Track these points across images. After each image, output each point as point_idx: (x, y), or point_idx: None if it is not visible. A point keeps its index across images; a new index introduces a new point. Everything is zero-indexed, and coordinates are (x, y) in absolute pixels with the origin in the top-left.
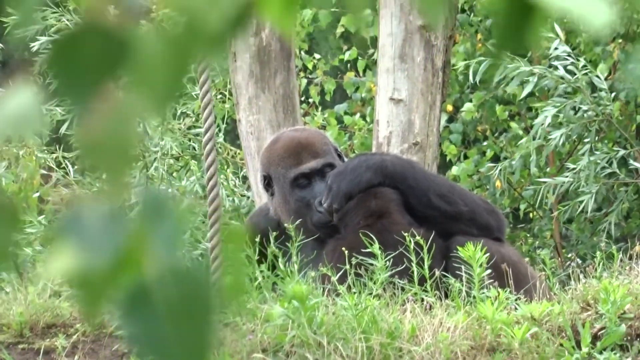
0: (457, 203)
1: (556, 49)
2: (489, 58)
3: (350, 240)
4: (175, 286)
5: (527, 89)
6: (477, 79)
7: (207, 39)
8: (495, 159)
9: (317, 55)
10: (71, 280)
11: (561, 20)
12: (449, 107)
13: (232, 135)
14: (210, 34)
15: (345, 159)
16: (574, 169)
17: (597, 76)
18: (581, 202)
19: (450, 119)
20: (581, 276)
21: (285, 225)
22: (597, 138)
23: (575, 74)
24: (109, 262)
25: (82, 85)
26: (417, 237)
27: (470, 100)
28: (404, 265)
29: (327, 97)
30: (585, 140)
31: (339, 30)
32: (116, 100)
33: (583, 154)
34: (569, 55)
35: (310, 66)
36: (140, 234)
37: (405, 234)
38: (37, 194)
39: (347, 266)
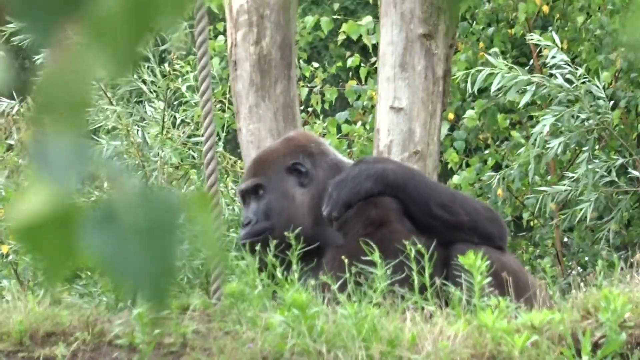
0: (458, 213)
1: (554, 57)
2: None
3: (350, 248)
4: (141, 207)
5: (526, 97)
6: (476, 88)
7: None
8: (497, 167)
9: (315, 64)
10: (39, 219)
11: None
12: (451, 116)
13: (233, 144)
14: None
15: (319, 170)
16: (572, 177)
17: (596, 85)
18: (580, 210)
19: (452, 128)
20: (581, 284)
21: (285, 233)
22: (597, 146)
23: (573, 83)
24: (78, 186)
25: (44, 17)
26: (418, 246)
27: (473, 108)
28: (404, 274)
29: (326, 106)
30: (584, 148)
31: (341, 37)
32: (75, 43)
33: (581, 162)
34: (567, 64)
35: (307, 74)
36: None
37: (406, 242)
38: None
39: (347, 274)
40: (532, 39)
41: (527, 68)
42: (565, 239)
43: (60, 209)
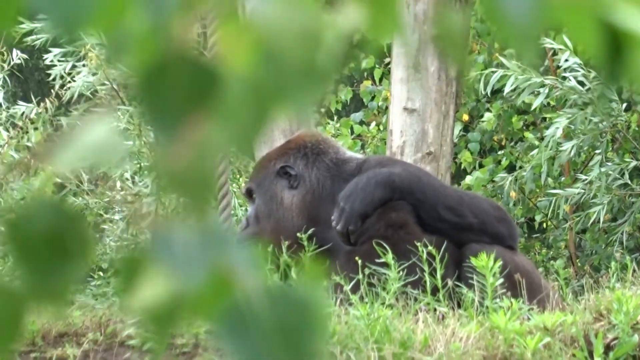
0: (466, 215)
1: (566, 60)
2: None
3: (368, 250)
4: (270, 306)
5: (539, 99)
6: (489, 89)
7: (294, 79)
8: (512, 168)
9: None
10: (158, 308)
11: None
12: (465, 116)
13: None
14: (301, 73)
15: (313, 171)
16: (585, 179)
17: (608, 88)
18: (593, 212)
19: (466, 129)
20: (594, 286)
21: (298, 234)
22: (611, 149)
23: (585, 85)
24: (204, 283)
25: (169, 114)
26: (430, 248)
27: (488, 110)
28: (417, 276)
29: (339, 107)
30: (597, 151)
31: (355, 37)
32: (201, 132)
33: (594, 165)
34: (580, 67)
35: None
36: (225, 256)
37: (418, 244)
38: None
39: (360, 276)
40: (544, 43)
41: (542, 69)
42: (579, 241)
43: (181, 303)
